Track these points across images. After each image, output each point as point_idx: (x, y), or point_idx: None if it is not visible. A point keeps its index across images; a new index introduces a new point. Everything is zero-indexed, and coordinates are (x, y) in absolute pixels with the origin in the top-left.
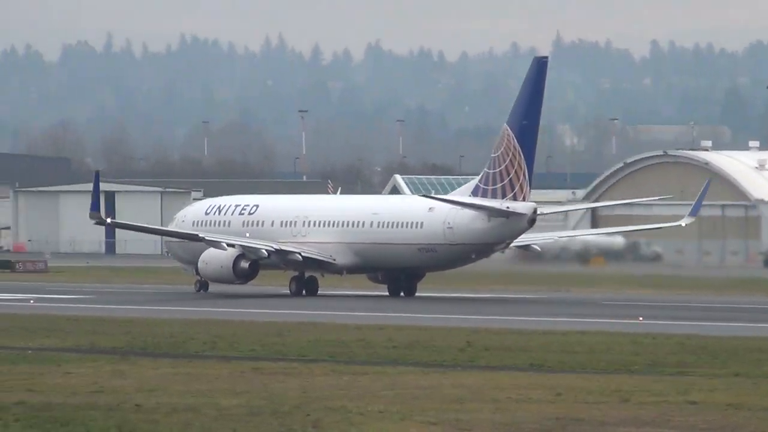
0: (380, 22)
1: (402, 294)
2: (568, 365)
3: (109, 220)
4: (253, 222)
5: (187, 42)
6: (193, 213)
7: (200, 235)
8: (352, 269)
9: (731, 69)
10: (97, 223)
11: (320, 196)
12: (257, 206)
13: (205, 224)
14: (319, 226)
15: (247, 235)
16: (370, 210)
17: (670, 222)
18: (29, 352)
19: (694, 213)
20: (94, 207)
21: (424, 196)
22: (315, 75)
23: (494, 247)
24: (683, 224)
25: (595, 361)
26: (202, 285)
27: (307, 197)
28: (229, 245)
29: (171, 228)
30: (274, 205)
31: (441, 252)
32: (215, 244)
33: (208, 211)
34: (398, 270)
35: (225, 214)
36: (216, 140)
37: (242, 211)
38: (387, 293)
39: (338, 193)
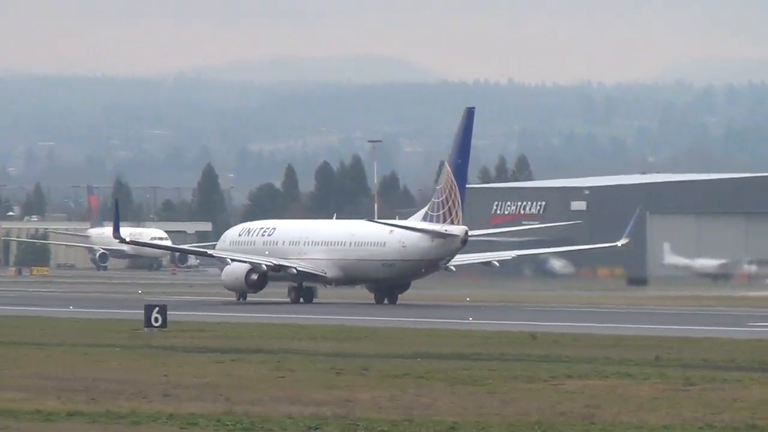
0: None
1: (386, 302)
2: None
3: (128, 239)
4: (270, 242)
5: None
6: (231, 235)
7: (209, 252)
8: (340, 281)
9: None
10: (120, 242)
11: (320, 221)
12: (275, 229)
13: (238, 244)
14: (315, 245)
15: (267, 253)
16: (349, 232)
17: None
18: None
19: (629, 234)
20: (116, 230)
21: (368, 220)
22: None
23: (438, 262)
24: (620, 244)
25: None
26: (241, 294)
27: (311, 221)
28: (234, 261)
29: (218, 248)
30: (286, 228)
31: (397, 266)
32: (222, 260)
33: (240, 234)
34: (378, 281)
35: (251, 235)
36: None
37: (263, 233)
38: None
39: (334, 218)
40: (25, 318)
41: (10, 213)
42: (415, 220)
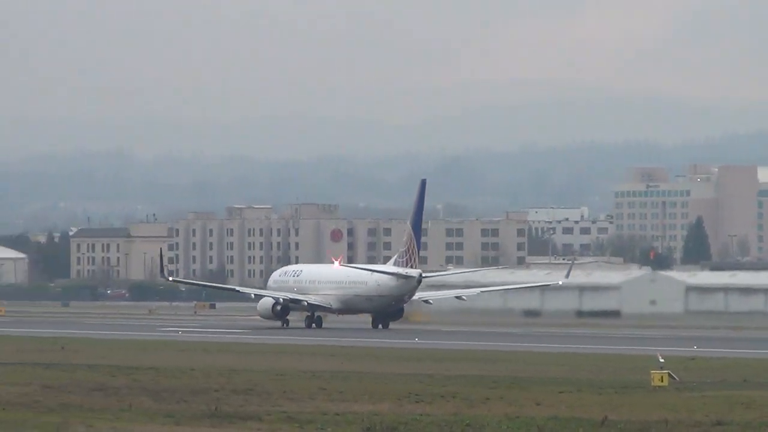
0: None
1: (380, 326)
2: None
3: (171, 279)
4: (298, 281)
5: None
6: (275, 276)
7: (236, 288)
8: (342, 311)
9: None
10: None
11: (329, 265)
12: (301, 271)
13: (278, 282)
14: (325, 283)
15: (295, 289)
16: (345, 274)
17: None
18: None
19: (567, 276)
20: (161, 271)
21: (343, 265)
22: None
23: (403, 297)
24: (560, 282)
25: None
26: (282, 321)
27: (324, 266)
28: (257, 296)
29: (267, 286)
30: (309, 270)
31: (375, 300)
32: (247, 295)
33: (280, 275)
34: (366, 312)
35: (287, 276)
36: None
37: (294, 275)
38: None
39: (339, 263)
40: None
41: None
42: (389, 266)
